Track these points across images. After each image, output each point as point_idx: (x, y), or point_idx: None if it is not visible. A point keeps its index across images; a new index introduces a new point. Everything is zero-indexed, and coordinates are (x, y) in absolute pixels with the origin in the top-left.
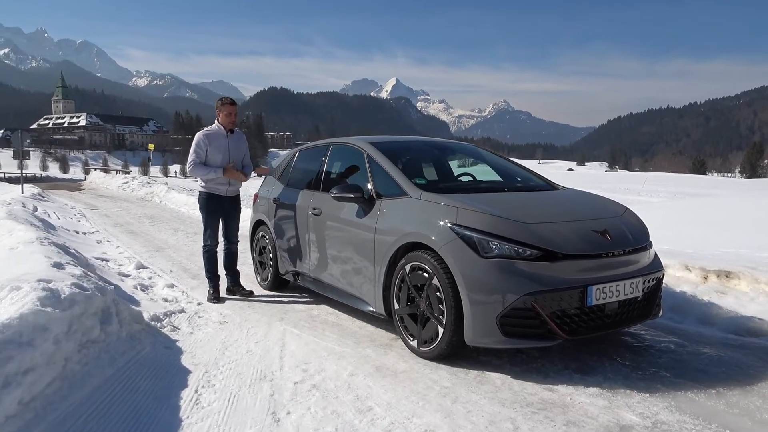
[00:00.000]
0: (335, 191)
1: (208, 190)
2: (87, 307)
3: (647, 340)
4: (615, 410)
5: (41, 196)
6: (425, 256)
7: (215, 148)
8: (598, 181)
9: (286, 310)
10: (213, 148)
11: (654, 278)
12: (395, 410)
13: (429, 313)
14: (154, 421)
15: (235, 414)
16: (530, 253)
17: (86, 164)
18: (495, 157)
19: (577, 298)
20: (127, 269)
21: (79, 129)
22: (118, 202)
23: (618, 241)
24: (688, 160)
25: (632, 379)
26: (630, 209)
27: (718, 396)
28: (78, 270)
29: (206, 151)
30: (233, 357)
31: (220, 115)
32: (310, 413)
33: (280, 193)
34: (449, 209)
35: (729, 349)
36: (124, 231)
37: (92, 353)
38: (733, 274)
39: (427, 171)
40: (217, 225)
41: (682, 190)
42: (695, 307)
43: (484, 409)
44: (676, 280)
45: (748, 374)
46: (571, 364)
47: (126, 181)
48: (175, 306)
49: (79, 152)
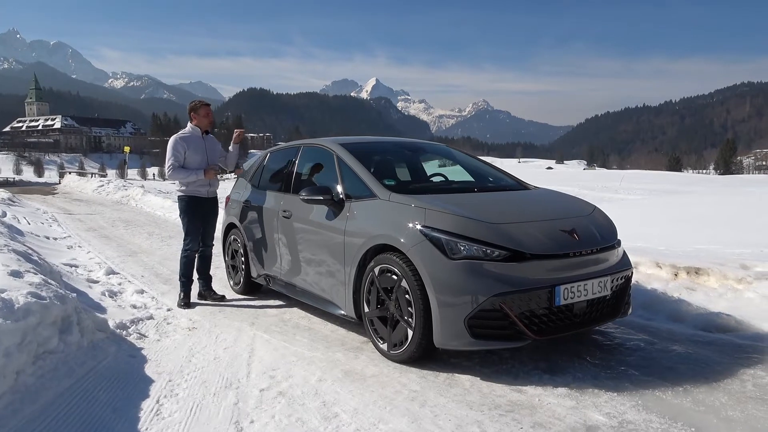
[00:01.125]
0: (304, 193)
1: (189, 193)
2: (44, 317)
3: (617, 338)
4: (582, 410)
5: (11, 201)
6: (394, 258)
7: (193, 150)
8: (575, 179)
9: (258, 315)
10: (191, 150)
11: (622, 276)
12: (361, 416)
13: (398, 315)
14: None
15: (197, 424)
16: (498, 253)
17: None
18: (467, 158)
19: (546, 298)
20: (96, 275)
21: (54, 132)
22: (93, 206)
23: (586, 240)
24: (664, 157)
25: (601, 378)
26: (599, 208)
27: (685, 393)
28: (37, 278)
29: (184, 154)
30: (199, 364)
31: (197, 118)
32: (274, 421)
33: (251, 196)
34: (417, 210)
35: (697, 346)
36: (97, 236)
37: (49, 365)
38: (703, 270)
39: (398, 172)
40: (199, 228)
41: (658, 188)
42: (665, 304)
43: (451, 412)
44: (647, 278)
45: (714, 371)
46: (540, 365)
47: (101, 184)
48: (144, 312)
49: (55, 155)
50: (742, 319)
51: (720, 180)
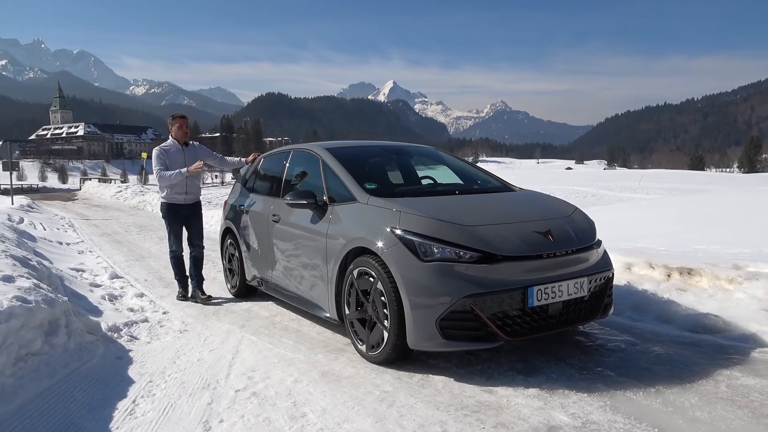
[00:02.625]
0: (289, 197)
1: (168, 200)
2: (28, 320)
3: (599, 339)
4: (548, 411)
5: (30, 208)
6: (370, 260)
7: (171, 161)
8: (594, 180)
9: (250, 317)
10: (170, 161)
11: (602, 277)
12: (328, 416)
13: (375, 317)
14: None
15: (167, 424)
16: (470, 255)
17: (85, 174)
18: (455, 160)
19: (518, 299)
20: (100, 279)
21: (77, 139)
22: (110, 211)
23: (561, 241)
24: (686, 156)
25: (574, 379)
26: (579, 209)
27: (657, 394)
28: (28, 283)
29: (165, 162)
30: (183, 366)
31: (172, 129)
32: (243, 421)
33: (245, 200)
34: (392, 214)
35: (679, 347)
36: (110, 240)
37: (30, 366)
38: (695, 270)
39: (382, 176)
40: (180, 231)
41: (678, 187)
42: (654, 305)
43: (417, 413)
44: (640, 279)
45: (691, 372)
46: (517, 365)
47: (119, 190)
48: (139, 315)
49: (78, 162)
50: (730, 320)
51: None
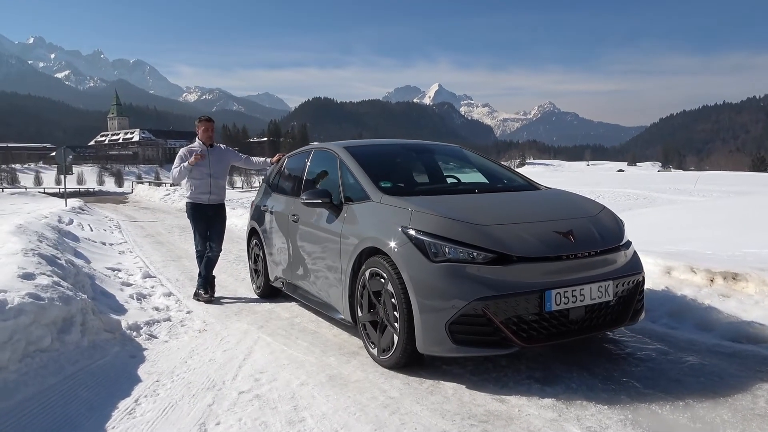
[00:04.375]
0: (304, 197)
1: (192, 200)
2: (38, 317)
3: (629, 347)
4: (561, 423)
5: (81, 210)
6: (381, 261)
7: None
8: (647, 182)
9: (270, 318)
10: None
11: (631, 281)
12: (327, 422)
13: (386, 320)
14: (75, 431)
15: (164, 424)
16: (483, 256)
17: (139, 178)
18: (480, 158)
19: (535, 303)
20: (133, 279)
21: (133, 144)
22: (157, 213)
23: (583, 242)
24: (747, 157)
25: (596, 390)
26: (607, 208)
27: (685, 408)
28: (47, 281)
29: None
30: (193, 366)
31: (199, 131)
32: (239, 424)
33: (269, 200)
34: (404, 212)
35: (716, 357)
36: (152, 241)
37: (37, 362)
38: (740, 275)
39: (401, 174)
40: (204, 231)
41: (737, 189)
42: (693, 312)
43: (421, 421)
44: (680, 284)
45: (726, 384)
46: (536, 373)
47: (167, 193)
48: (163, 315)
49: (134, 166)
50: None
51: None
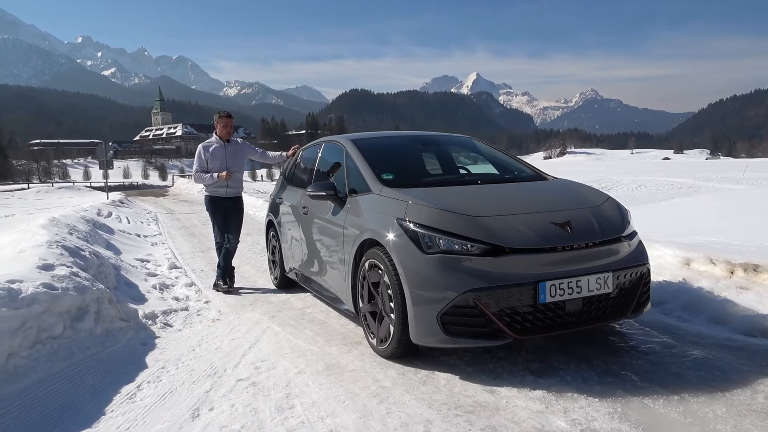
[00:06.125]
0: (310, 189)
1: (210, 193)
2: (51, 306)
3: (633, 340)
4: (547, 415)
5: (121, 203)
6: (379, 252)
7: (213, 156)
8: (693, 170)
9: (283, 308)
10: (211, 157)
11: (633, 272)
12: (314, 409)
13: (383, 311)
14: (76, 414)
15: (161, 409)
16: (475, 248)
17: (182, 171)
18: (489, 149)
19: (529, 295)
20: (160, 270)
21: (176, 139)
22: (194, 206)
23: (581, 233)
24: None
25: (591, 382)
26: (613, 199)
27: (679, 403)
28: (65, 271)
29: (206, 159)
30: (200, 353)
31: (218, 127)
32: (231, 410)
33: (284, 193)
34: (400, 204)
35: (723, 351)
36: (185, 233)
37: (48, 349)
38: (762, 267)
39: (406, 166)
40: (222, 223)
41: None
42: (709, 305)
43: (407, 410)
44: (698, 275)
45: (727, 379)
46: (532, 365)
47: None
48: (182, 304)
49: (177, 160)
50: None
51: None
